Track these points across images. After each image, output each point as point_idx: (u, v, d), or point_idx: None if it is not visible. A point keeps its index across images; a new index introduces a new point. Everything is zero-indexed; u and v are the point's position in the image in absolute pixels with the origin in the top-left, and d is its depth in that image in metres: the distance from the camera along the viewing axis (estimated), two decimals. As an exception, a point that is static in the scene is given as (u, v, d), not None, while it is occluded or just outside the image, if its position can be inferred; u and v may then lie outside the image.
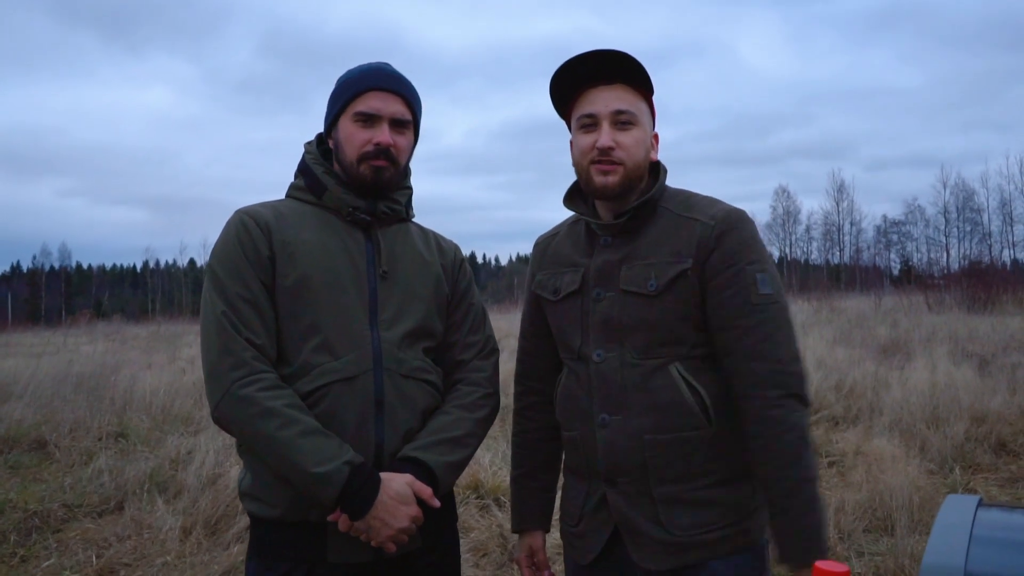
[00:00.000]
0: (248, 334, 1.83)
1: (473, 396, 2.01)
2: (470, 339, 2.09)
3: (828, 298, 27.19)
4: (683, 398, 1.81)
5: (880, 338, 13.51)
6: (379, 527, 1.78)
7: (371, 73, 2.00)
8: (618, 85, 1.88)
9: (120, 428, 7.62)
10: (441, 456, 1.89)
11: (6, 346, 22.31)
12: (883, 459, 5.79)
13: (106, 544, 4.78)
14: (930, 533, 1.26)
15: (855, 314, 19.98)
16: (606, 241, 1.93)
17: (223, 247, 1.92)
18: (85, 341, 16.56)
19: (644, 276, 1.85)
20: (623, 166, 1.86)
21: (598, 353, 1.89)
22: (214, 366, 1.82)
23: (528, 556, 2.12)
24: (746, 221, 1.86)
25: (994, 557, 1.24)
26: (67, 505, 5.49)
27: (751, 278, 1.80)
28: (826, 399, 8.35)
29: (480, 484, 5.51)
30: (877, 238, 77.37)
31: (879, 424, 7.21)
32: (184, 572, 4.34)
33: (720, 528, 1.82)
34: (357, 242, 1.97)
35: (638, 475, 1.84)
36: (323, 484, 1.74)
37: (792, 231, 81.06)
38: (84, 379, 9.65)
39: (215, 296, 1.86)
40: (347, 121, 1.97)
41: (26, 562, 4.61)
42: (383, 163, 1.95)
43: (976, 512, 1.31)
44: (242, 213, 1.96)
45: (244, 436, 1.84)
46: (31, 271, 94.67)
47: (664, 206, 1.91)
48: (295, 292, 1.89)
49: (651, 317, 1.84)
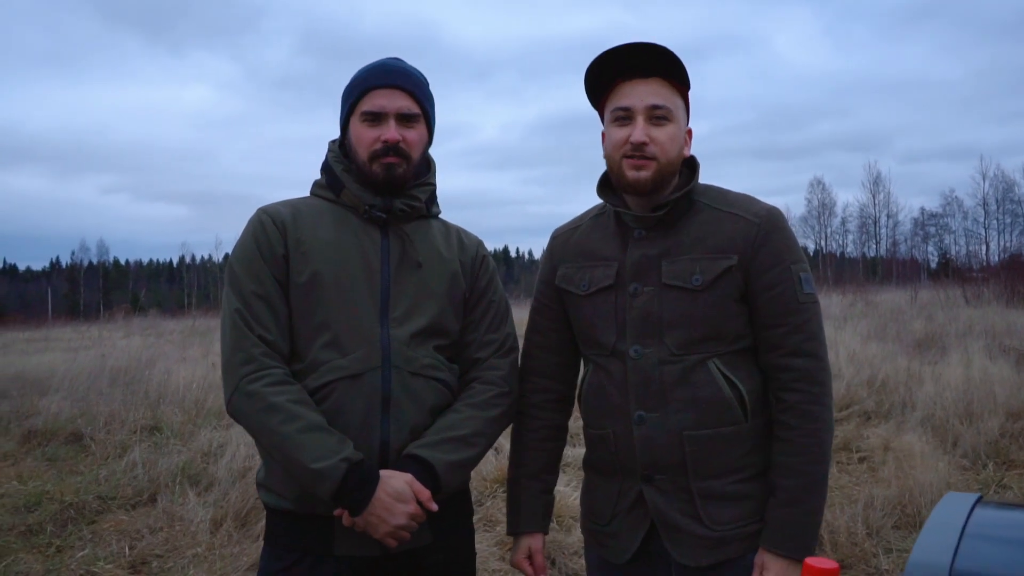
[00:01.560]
0: (260, 330, 1.87)
1: (486, 395, 1.99)
2: (488, 337, 2.07)
3: (863, 292, 26.84)
4: (723, 394, 1.82)
5: (915, 332, 13.30)
6: (376, 523, 1.80)
7: (375, 71, 2.01)
8: (654, 79, 1.86)
9: (154, 421, 7.73)
10: (444, 455, 1.88)
11: (45, 341, 22.69)
12: (914, 455, 5.72)
13: (139, 535, 4.87)
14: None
15: (890, 308, 19.71)
16: (640, 234, 1.91)
17: (241, 245, 1.97)
18: (121, 335, 16.77)
19: (689, 271, 1.84)
20: (656, 161, 1.84)
21: (635, 349, 1.88)
22: (227, 361, 1.89)
23: (526, 558, 2.07)
24: (785, 220, 1.91)
25: (985, 555, 1.23)
26: (102, 497, 5.60)
27: (796, 277, 1.84)
28: (858, 394, 8.27)
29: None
30: (914, 231, 76.26)
31: (911, 419, 7.13)
32: (214, 563, 4.40)
33: (758, 522, 1.83)
34: (372, 240, 1.98)
35: (676, 471, 1.84)
36: (320, 480, 1.77)
37: (827, 224, 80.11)
38: (119, 373, 9.79)
39: (231, 293, 1.92)
40: (356, 122, 1.99)
41: (61, 552, 4.71)
42: (394, 159, 1.95)
43: (973, 510, 1.30)
44: (261, 212, 2.00)
45: (251, 430, 1.89)
46: (70, 266, 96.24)
47: (701, 201, 1.90)
48: (307, 289, 1.92)
49: (694, 312, 1.83)
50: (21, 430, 7.70)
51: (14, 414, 8.29)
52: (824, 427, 1.81)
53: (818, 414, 1.80)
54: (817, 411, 1.80)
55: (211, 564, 4.40)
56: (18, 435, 7.61)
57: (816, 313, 1.86)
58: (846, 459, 6.44)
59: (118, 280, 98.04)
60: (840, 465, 6.27)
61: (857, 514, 4.72)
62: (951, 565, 1.10)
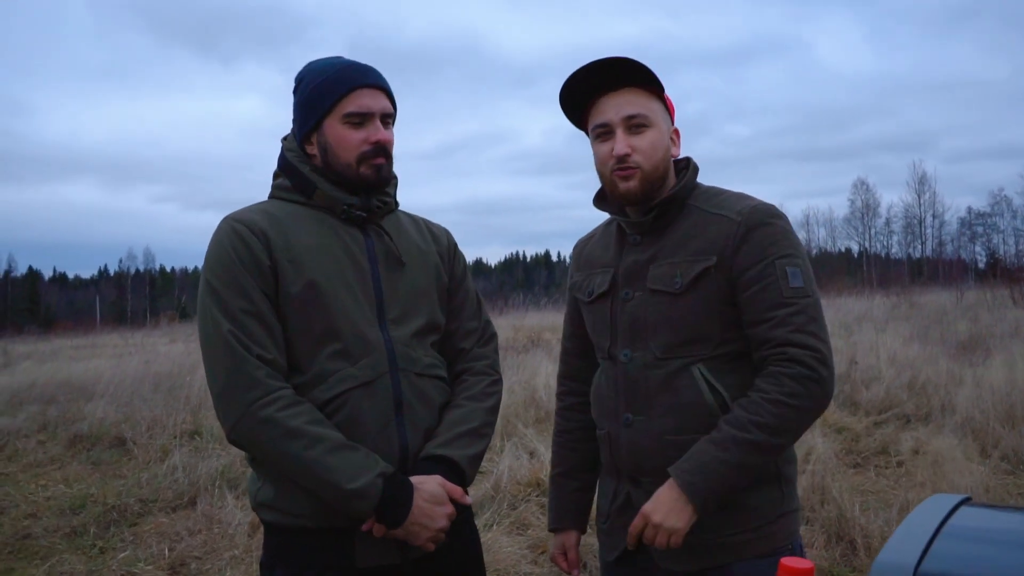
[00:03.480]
0: (258, 351, 1.76)
1: (480, 386, 2.00)
2: (469, 325, 2.08)
3: (907, 293, 26.42)
4: (703, 399, 1.80)
5: (959, 334, 13.07)
6: (419, 531, 1.78)
7: (352, 71, 1.91)
8: (625, 90, 1.87)
9: (194, 426, 7.88)
10: (463, 450, 1.89)
11: (92, 347, 23.20)
12: (951, 459, 5.63)
13: (178, 538, 4.97)
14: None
15: (934, 309, 19.39)
16: (635, 240, 1.93)
17: (218, 259, 1.82)
18: (165, 342, 17.10)
19: (670, 274, 1.84)
20: (640, 170, 1.86)
21: (625, 353, 1.91)
22: (225, 388, 1.76)
23: (561, 554, 2.15)
24: (776, 216, 1.83)
25: (956, 555, 1.21)
26: (143, 500, 5.73)
27: (781, 271, 1.77)
28: (897, 397, 8.15)
29: (541, 482, 5.53)
30: (961, 231, 74.68)
31: (951, 423, 7.01)
32: (251, 566, 4.48)
33: (743, 532, 1.80)
34: (356, 240, 1.92)
35: (660, 475, 1.82)
36: (359, 499, 1.73)
37: (871, 224, 79.00)
38: (162, 379, 10.00)
39: (218, 313, 1.77)
40: (335, 123, 1.89)
41: (104, 553, 4.83)
42: (382, 160, 1.91)
43: (955, 511, 1.29)
44: (232, 221, 1.86)
45: (268, 456, 1.79)
46: (117, 274, 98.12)
47: (693, 204, 1.90)
48: (304, 299, 1.82)
49: (675, 315, 1.84)
50: (68, 434, 7.90)
51: (61, 419, 8.49)
52: (793, 409, 1.70)
53: (793, 390, 1.70)
54: (792, 387, 1.70)
55: (248, 566, 4.48)
56: (65, 439, 7.80)
57: (809, 307, 1.76)
58: (883, 462, 6.35)
59: (164, 287, 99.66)
60: (877, 469, 6.20)
61: (892, 519, 4.66)
62: (917, 565, 1.09)
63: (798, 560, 1.05)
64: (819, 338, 1.75)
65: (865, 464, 6.35)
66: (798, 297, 1.76)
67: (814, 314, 1.77)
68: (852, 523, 4.56)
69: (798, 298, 1.76)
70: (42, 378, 11.60)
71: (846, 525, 4.57)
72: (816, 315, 1.77)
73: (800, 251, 1.82)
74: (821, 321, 1.78)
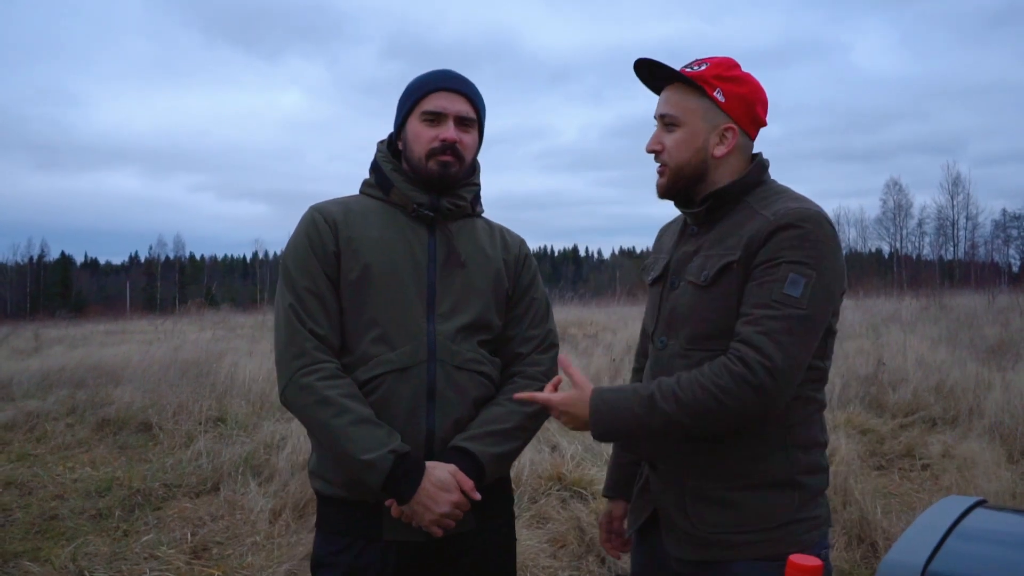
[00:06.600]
0: (312, 325, 1.96)
1: (528, 390, 2.03)
2: (530, 333, 2.15)
3: (937, 295, 26.08)
4: None
5: (988, 338, 12.89)
6: (421, 512, 1.88)
7: (437, 75, 2.09)
8: (666, 89, 1.93)
9: (220, 413, 7.99)
10: (488, 447, 1.97)
11: (122, 333, 23.48)
12: (978, 463, 5.57)
13: (201, 523, 5.04)
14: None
15: (965, 312, 19.10)
16: (692, 231, 1.96)
17: (294, 243, 2.04)
18: (194, 329, 17.26)
19: (702, 267, 1.86)
20: (667, 167, 1.90)
21: (661, 340, 1.95)
22: (281, 354, 1.97)
23: (608, 521, 2.23)
24: (809, 220, 1.73)
25: (967, 556, 1.20)
26: (167, 484, 5.81)
27: (783, 275, 1.70)
28: (924, 400, 8.06)
29: (563, 476, 5.54)
30: (995, 233, 73.66)
31: (978, 427, 6.92)
32: (272, 552, 4.53)
33: (744, 532, 1.79)
34: (419, 237, 2.06)
35: (675, 463, 1.88)
36: (369, 471, 1.86)
37: (903, 225, 78.07)
38: (190, 365, 10.10)
39: (285, 289, 2.00)
40: (415, 121, 2.06)
41: (128, 536, 4.89)
42: (450, 158, 2.03)
43: (969, 512, 1.27)
44: (314, 210, 2.08)
45: (304, 421, 1.98)
46: (147, 261, 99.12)
47: (748, 200, 1.87)
48: (358, 286, 1.99)
49: (701, 308, 1.85)
50: (96, 418, 8.00)
51: (89, 403, 8.60)
52: (717, 402, 1.67)
53: (726, 386, 1.67)
54: (727, 383, 1.67)
55: (269, 552, 4.53)
56: (93, 423, 7.91)
57: (792, 317, 1.67)
58: (908, 466, 6.29)
59: (193, 275, 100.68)
60: (901, 471, 6.14)
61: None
62: (926, 565, 1.08)
63: (806, 557, 1.05)
64: (783, 350, 1.67)
65: (889, 467, 6.29)
66: (786, 304, 1.69)
67: (793, 326, 1.68)
68: (874, 525, 4.53)
69: (785, 305, 1.69)
70: (72, 362, 11.75)
71: (868, 527, 4.53)
72: (796, 328, 1.68)
73: (819, 262, 1.72)
74: (800, 336, 1.69)
